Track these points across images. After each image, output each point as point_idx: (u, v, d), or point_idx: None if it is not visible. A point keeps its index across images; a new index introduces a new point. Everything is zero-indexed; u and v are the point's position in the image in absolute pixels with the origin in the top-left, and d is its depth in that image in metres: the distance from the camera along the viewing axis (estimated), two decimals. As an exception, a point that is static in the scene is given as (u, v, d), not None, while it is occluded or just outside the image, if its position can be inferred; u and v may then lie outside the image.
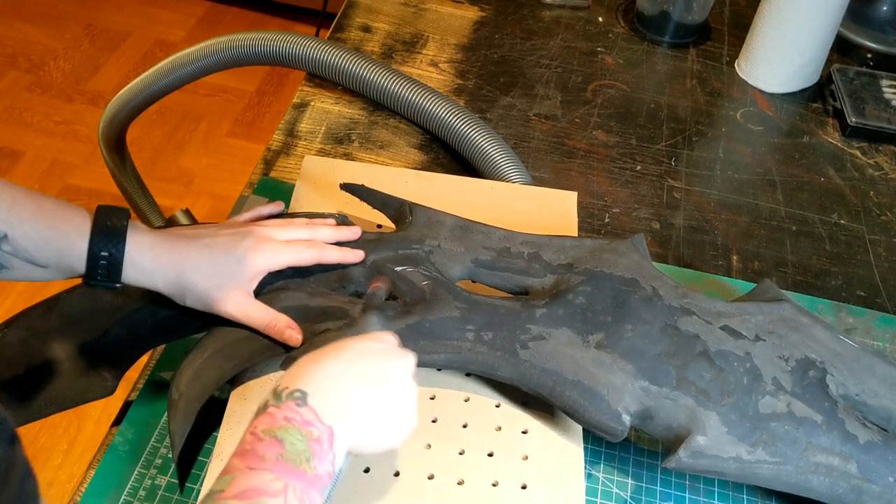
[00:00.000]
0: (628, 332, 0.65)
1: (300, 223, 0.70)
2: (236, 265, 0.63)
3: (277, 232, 0.67)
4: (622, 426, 0.62)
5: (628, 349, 0.65)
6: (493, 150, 0.90)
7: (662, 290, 0.69)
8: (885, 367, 0.67)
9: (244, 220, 0.71)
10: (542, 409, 0.67)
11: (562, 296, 0.68)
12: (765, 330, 0.67)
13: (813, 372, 0.65)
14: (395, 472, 0.62)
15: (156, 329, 0.67)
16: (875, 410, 0.66)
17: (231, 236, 0.65)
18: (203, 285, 0.62)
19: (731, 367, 0.64)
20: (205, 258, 0.62)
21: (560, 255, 0.72)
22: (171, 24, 2.51)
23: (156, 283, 0.62)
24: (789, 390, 0.64)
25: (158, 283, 0.62)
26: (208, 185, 2.06)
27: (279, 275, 0.68)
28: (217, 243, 0.64)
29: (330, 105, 1.01)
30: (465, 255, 0.71)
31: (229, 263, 0.63)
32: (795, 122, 1.08)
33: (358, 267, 0.70)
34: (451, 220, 0.74)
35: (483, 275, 0.71)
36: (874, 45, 1.20)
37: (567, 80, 1.09)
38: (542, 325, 0.66)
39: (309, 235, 0.69)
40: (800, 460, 0.62)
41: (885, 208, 0.97)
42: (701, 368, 0.64)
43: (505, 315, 0.66)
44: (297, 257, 0.67)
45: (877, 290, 0.87)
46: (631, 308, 0.67)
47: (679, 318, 0.67)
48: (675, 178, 0.97)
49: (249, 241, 0.65)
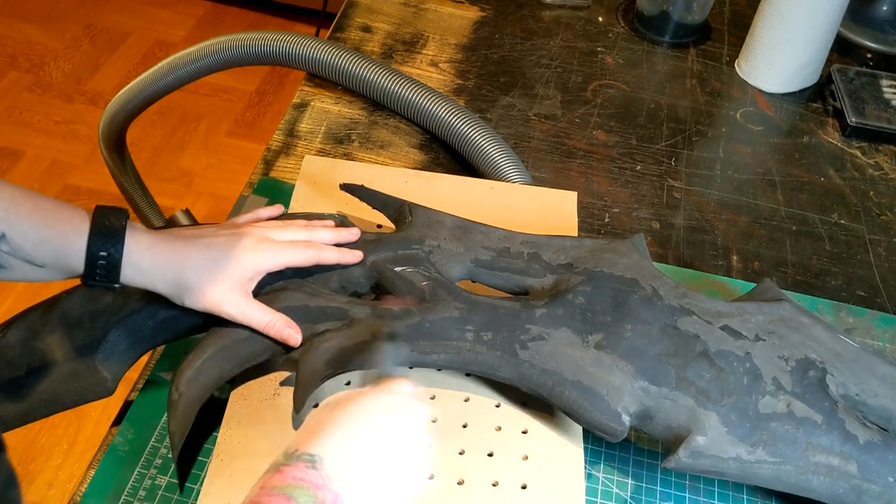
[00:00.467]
0: (628, 332, 0.65)
1: (299, 224, 0.70)
2: (235, 265, 0.63)
3: (276, 233, 0.67)
4: (622, 426, 0.62)
5: (628, 349, 0.65)
6: (493, 150, 0.90)
7: (662, 290, 0.69)
8: (885, 366, 0.67)
9: (243, 221, 0.71)
10: (542, 410, 0.67)
11: (561, 296, 0.68)
12: (765, 330, 0.67)
13: (813, 372, 0.65)
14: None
15: (156, 330, 0.67)
16: (875, 410, 0.66)
17: (230, 237, 0.65)
18: (201, 285, 0.62)
19: (730, 367, 0.64)
20: (203, 258, 0.62)
21: (560, 255, 0.72)
22: (171, 24, 2.51)
23: (154, 284, 0.61)
24: (789, 390, 0.64)
25: (157, 284, 0.61)
26: (208, 186, 2.06)
27: (279, 275, 0.68)
28: (216, 243, 0.64)
29: (330, 105, 1.01)
30: (465, 255, 0.71)
31: (228, 263, 0.63)
32: (795, 122, 1.08)
33: (357, 267, 0.70)
34: (451, 220, 0.74)
35: (483, 275, 0.71)
36: (874, 45, 1.20)
37: (567, 80, 1.09)
38: (541, 326, 0.66)
39: (307, 237, 0.69)
40: (800, 460, 0.62)
41: (884, 208, 0.97)
42: (701, 368, 0.64)
43: (504, 315, 0.66)
44: (296, 258, 0.67)
45: (877, 290, 0.87)
46: (631, 308, 0.67)
47: (679, 318, 0.67)
48: (675, 178, 0.97)
49: (248, 241, 0.65)
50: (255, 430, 0.64)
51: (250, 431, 0.64)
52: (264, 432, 0.64)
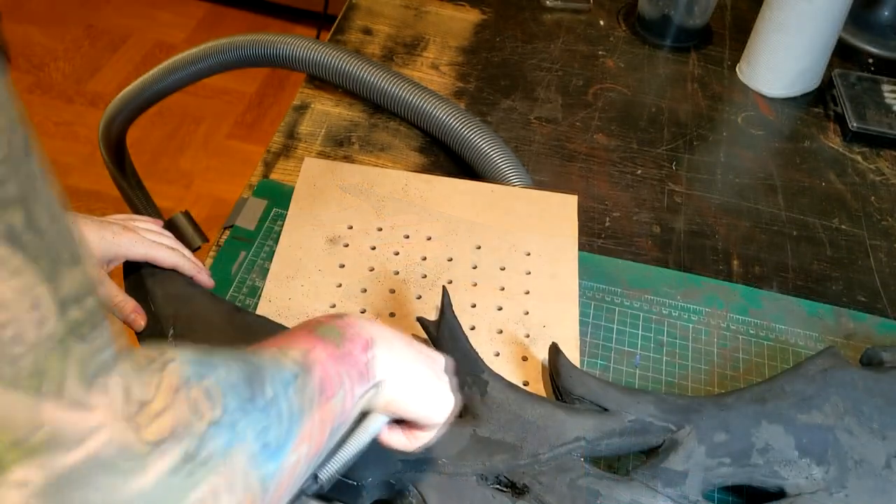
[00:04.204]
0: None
1: (170, 235, 0.78)
2: (97, 246, 0.69)
3: (144, 231, 0.74)
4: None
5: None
6: (493, 152, 0.90)
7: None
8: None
9: (114, 218, 0.76)
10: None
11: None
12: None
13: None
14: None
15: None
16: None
17: (103, 223, 0.71)
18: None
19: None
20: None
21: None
22: (172, 25, 2.51)
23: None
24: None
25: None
26: (208, 187, 2.06)
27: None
28: (90, 228, 0.69)
29: (330, 107, 1.01)
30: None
31: (94, 243, 0.69)
32: (796, 126, 1.08)
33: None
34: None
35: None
36: (875, 50, 1.20)
37: (568, 84, 1.09)
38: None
39: (172, 244, 0.75)
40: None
41: (885, 213, 0.97)
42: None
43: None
44: (155, 254, 0.72)
45: (877, 295, 0.87)
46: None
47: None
48: (676, 182, 0.97)
49: (114, 228, 0.71)
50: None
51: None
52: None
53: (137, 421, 0.31)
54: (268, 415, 0.38)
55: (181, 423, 0.33)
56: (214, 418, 0.34)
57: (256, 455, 0.37)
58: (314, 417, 0.43)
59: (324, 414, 0.44)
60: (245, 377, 0.38)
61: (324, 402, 0.44)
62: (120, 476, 0.30)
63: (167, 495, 0.32)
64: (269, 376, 0.40)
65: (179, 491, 0.32)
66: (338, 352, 0.47)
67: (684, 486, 0.62)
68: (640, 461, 0.66)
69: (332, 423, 0.45)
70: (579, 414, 0.65)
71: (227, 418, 0.35)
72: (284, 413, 0.40)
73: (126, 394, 0.31)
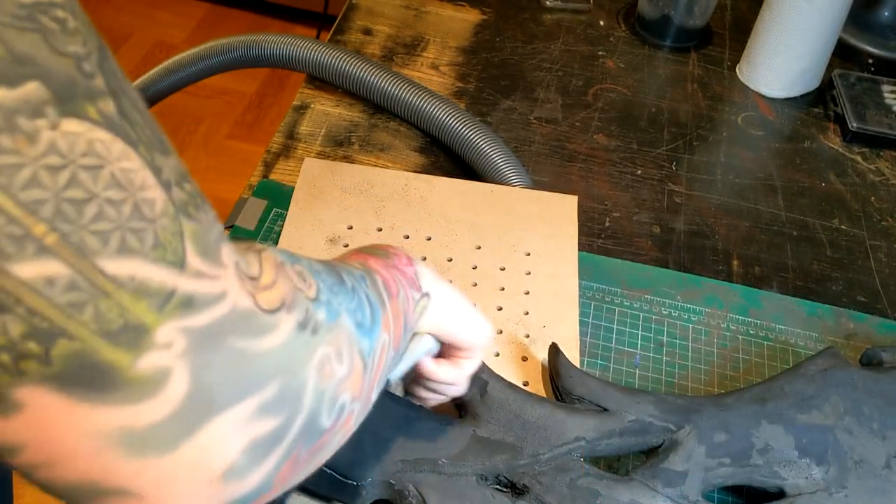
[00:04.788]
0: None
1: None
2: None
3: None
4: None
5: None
6: (493, 153, 0.90)
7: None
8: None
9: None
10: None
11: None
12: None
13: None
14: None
15: None
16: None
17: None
18: None
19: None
20: None
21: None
22: (172, 25, 2.51)
23: None
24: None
25: None
26: (208, 187, 2.04)
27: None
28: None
29: (330, 107, 1.01)
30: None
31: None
32: (796, 126, 1.08)
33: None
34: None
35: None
36: (875, 51, 1.20)
37: (568, 84, 1.09)
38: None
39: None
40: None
41: (885, 214, 0.97)
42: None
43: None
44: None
45: (877, 296, 0.87)
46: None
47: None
48: (676, 183, 0.97)
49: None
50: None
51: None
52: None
53: (251, 292, 0.33)
54: (355, 297, 0.41)
55: (289, 295, 0.35)
56: (313, 295, 0.37)
57: (354, 331, 0.40)
58: (388, 310, 0.45)
59: (394, 308, 0.47)
60: (326, 268, 0.41)
61: (392, 298, 0.47)
62: (253, 337, 0.32)
63: (300, 350, 0.35)
64: (344, 272, 0.43)
65: (309, 347, 0.35)
66: (388, 262, 0.50)
67: (684, 487, 0.62)
68: (640, 461, 0.66)
69: (402, 319, 0.48)
70: (579, 414, 0.65)
71: (324, 296, 0.38)
72: (365, 300, 0.43)
73: (237, 268, 0.33)
